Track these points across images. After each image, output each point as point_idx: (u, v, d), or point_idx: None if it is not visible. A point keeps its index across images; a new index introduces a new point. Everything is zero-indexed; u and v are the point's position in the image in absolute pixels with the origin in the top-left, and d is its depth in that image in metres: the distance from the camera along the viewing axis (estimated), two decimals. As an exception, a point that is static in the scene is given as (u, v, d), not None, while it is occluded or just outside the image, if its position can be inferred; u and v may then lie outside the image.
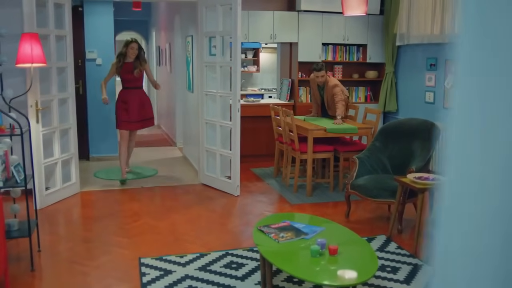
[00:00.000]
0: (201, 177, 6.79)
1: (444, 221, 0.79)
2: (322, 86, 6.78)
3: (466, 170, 0.77)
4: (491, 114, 0.74)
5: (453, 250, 0.78)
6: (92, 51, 7.89)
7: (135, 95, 6.76)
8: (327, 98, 6.76)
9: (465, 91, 0.76)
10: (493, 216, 0.74)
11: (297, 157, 6.22)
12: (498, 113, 0.73)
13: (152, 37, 13.08)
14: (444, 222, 0.79)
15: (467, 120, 0.76)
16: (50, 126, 5.75)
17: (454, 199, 0.78)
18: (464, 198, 0.77)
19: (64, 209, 5.70)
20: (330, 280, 2.99)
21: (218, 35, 6.24)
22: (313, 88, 6.99)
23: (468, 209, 0.77)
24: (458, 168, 0.78)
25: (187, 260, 4.18)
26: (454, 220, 0.78)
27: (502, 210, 0.74)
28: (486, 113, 0.75)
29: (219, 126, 6.39)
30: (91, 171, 7.42)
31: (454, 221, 0.78)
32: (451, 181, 0.78)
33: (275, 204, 5.93)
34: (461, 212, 0.78)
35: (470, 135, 0.76)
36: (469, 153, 0.76)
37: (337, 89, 6.59)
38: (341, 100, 6.56)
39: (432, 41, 7.17)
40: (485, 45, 0.74)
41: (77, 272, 4.03)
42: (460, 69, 0.77)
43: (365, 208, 5.75)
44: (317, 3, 7.83)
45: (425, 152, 5.09)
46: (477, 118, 0.75)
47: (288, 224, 3.74)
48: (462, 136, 0.77)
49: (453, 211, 0.78)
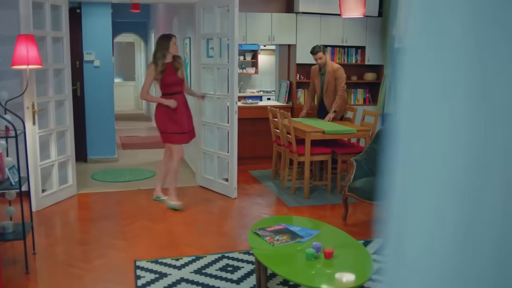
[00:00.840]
0: (199, 179, 6.77)
1: (395, 222, 0.78)
2: (323, 71, 6.82)
3: (417, 174, 0.76)
4: (444, 114, 0.74)
5: (405, 253, 0.77)
6: (90, 53, 7.88)
7: (182, 100, 5.73)
8: (328, 81, 6.79)
9: (414, 89, 0.76)
10: (448, 217, 0.74)
11: (294, 159, 6.20)
12: (450, 108, 0.73)
13: (151, 38, 13.06)
14: (395, 223, 0.78)
15: (416, 120, 0.76)
16: (47, 128, 5.73)
17: (403, 200, 0.78)
18: (418, 198, 0.77)
19: (60, 211, 5.68)
20: (325, 283, 2.97)
21: (215, 37, 6.23)
22: (314, 78, 7.02)
23: (423, 208, 0.76)
24: (407, 173, 0.77)
25: (182, 263, 4.16)
26: (405, 221, 0.77)
27: (459, 212, 0.73)
28: (436, 113, 0.75)
29: (217, 128, 6.37)
30: (89, 173, 7.40)
31: (405, 222, 0.77)
32: (401, 186, 0.77)
33: (272, 207, 5.90)
34: (411, 213, 0.77)
35: (422, 135, 0.76)
36: (419, 155, 0.75)
37: (341, 71, 6.72)
38: (343, 88, 6.70)
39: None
40: (433, 44, 0.74)
41: (72, 275, 4.01)
42: (407, 68, 0.77)
43: (363, 210, 5.73)
44: (315, 5, 7.82)
45: (423, 154, 5.06)
46: (428, 118, 0.75)
47: (283, 227, 3.72)
48: (412, 137, 0.76)
49: (403, 213, 0.77)
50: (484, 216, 0.71)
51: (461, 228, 0.72)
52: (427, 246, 0.74)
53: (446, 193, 0.73)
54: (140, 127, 12.81)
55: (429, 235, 0.74)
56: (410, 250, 0.75)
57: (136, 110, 16.39)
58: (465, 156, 0.71)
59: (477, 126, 0.71)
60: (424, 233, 0.74)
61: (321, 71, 6.88)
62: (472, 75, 0.71)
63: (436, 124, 0.74)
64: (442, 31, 0.72)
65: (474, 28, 0.70)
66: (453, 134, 0.72)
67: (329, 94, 6.83)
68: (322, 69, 6.85)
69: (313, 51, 6.72)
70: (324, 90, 6.87)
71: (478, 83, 0.71)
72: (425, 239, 0.74)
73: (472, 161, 0.71)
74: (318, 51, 6.68)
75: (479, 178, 0.71)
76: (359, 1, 6.19)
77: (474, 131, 0.71)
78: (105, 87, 8.03)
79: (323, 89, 6.87)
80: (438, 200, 0.74)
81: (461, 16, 0.70)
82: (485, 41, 0.70)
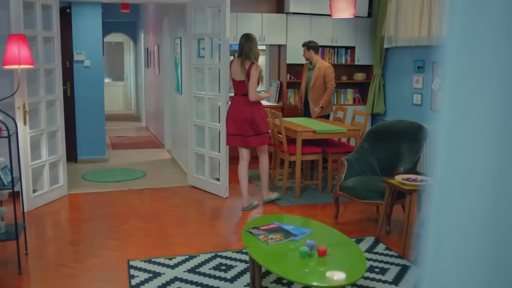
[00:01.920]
0: (190, 179, 6.78)
1: (434, 222, 0.79)
2: (311, 67, 7.05)
3: (455, 171, 0.77)
4: (478, 115, 0.75)
5: (443, 251, 0.78)
6: (80, 53, 7.85)
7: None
8: (315, 78, 6.96)
9: (452, 92, 0.77)
10: (483, 216, 0.75)
11: (285, 159, 6.23)
12: (486, 114, 0.74)
13: (140, 39, 13.04)
14: (434, 223, 0.79)
15: (455, 121, 0.77)
16: (38, 128, 5.71)
17: (443, 200, 0.79)
18: (453, 198, 0.77)
19: (51, 212, 5.66)
20: (319, 281, 3.00)
21: (207, 37, 6.24)
22: (304, 72, 7.22)
23: (458, 209, 0.77)
24: (446, 169, 0.78)
25: (176, 262, 4.17)
26: (443, 220, 0.78)
27: (492, 210, 0.74)
28: (473, 114, 0.75)
29: (208, 128, 6.39)
30: (79, 173, 7.38)
31: (444, 221, 0.78)
32: (440, 182, 0.78)
33: (264, 206, 5.93)
34: (450, 213, 0.78)
35: (459, 135, 0.76)
36: (457, 154, 0.76)
37: (330, 70, 6.90)
38: (333, 86, 6.91)
39: (420, 43, 7.23)
40: (471, 47, 0.75)
41: (65, 275, 4.00)
42: (447, 70, 0.78)
43: (354, 209, 5.78)
44: (305, 6, 7.86)
45: (413, 154, 5.12)
46: (465, 119, 0.76)
47: (277, 226, 3.75)
48: (450, 136, 0.77)
49: (442, 212, 0.78)
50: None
51: (492, 227, 0.75)
52: (462, 243, 0.76)
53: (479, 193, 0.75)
54: (129, 127, 12.78)
55: (463, 233, 0.76)
56: (448, 246, 0.78)
57: (125, 110, 16.35)
58: (499, 157, 0.73)
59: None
60: (459, 231, 0.76)
61: (310, 67, 7.06)
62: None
63: (473, 125, 0.75)
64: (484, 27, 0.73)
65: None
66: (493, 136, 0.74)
67: (314, 90, 6.98)
68: (311, 65, 7.03)
69: (303, 44, 7.08)
70: (309, 85, 7.01)
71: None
72: (459, 237, 0.76)
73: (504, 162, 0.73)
74: (303, 46, 7.02)
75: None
76: (350, 2, 6.24)
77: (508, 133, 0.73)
78: (95, 87, 8.01)
79: (309, 85, 7.04)
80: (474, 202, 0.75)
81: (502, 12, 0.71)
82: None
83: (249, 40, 5.55)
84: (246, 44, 5.53)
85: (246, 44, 5.53)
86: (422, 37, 7.19)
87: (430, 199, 0.80)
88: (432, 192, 0.79)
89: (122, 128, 12.52)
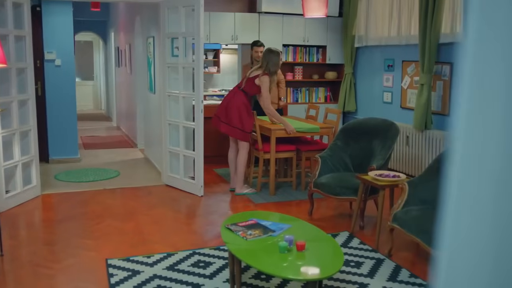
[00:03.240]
0: (164, 178, 6.79)
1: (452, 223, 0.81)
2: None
3: (472, 171, 0.79)
4: (493, 115, 0.77)
5: (459, 237, 0.81)
6: (51, 52, 7.76)
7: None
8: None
9: (469, 93, 0.78)
10: (495, 206, 0.78)
11: (260, 157, 6.30)
12: (500, 114, 0.76)
13: (110, 37, 12.92)
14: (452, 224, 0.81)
15: (471, 120, 0.78)
16: (10, 128, 5.64)
17: (462, 200, 0.80)
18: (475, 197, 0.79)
19: (25, 212, 5.60)
20: (298, 275, 3.08)
21: (180, 36, 6.26)
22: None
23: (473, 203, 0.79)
24: (463, 170, 0.80)
25: (154, 260, 4.20)
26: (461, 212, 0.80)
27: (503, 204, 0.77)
28: (488, 114, 0.77)
29: (182, 127, 6.41)
30: (51, 173, 7.30)
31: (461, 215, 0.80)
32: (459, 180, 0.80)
33: (239, 203, 5.99)
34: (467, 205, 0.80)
35: (474, 136, 0.78)
36: (474, 154, 0.78)
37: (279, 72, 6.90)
38: (284, 80, 7.27)
39: (390, 42, 7.40)
40: (487, 48, 0.76)
41: (43, 275, 3.98)
42: (464, 72, 0.78)
43: (328, 206, 5.89)
44: (277, 5, 7.95)
45: (385, 150, 5.25)
46: (480, 119, 0.78)
47: (255, 222, 3.81)
48: (468, 137, 0.79)
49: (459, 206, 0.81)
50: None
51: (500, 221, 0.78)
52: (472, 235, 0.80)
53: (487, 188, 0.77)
54: (100, 127, 12.67)
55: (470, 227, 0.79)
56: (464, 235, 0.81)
57: (95, 110, 16.18)
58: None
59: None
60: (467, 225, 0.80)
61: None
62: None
63: (489, 125, 0.77)
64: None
65: None
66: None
67: (273, 91, 7.08)
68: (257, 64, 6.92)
69: (258, 43, 6.98)
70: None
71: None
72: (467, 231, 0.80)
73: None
74: (262, 45, 6.95)
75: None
76: (322, 2, 6.34)
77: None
78: (67, 87, 7.93)
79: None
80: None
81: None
82: None
83: (270, 53, 6.09)
84: (267, 56, 6.09)
85: (266, 56, 6.10)
86: (392, 37, 7.35)
87: (447, 201, 0.81)
88: (449, 192, 0.81)
89: (93, 128, 12.39)
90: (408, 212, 4.15)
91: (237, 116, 6.04)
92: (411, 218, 4.06)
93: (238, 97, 6.10)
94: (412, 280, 3.87)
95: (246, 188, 6.33)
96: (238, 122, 6.03)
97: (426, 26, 6.36)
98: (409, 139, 6.95)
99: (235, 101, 6.08)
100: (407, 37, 7.05)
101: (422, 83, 6.49)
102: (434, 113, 6.58)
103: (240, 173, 6.25)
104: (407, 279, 3.90)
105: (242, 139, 6.12)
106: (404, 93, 7.24)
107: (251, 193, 6.28)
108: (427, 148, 6.63)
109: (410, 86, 7.11)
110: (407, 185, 4.33)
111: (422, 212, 4.10)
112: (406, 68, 7.17)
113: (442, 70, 6.46)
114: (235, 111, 6.04)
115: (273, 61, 6.02)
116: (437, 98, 6.58)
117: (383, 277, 3.92)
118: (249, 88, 6.12)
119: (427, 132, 6.62)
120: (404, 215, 4.13)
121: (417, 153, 6.82)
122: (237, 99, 6.09)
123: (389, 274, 3.98)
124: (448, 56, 6.38)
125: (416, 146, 6.85)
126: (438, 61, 6.46)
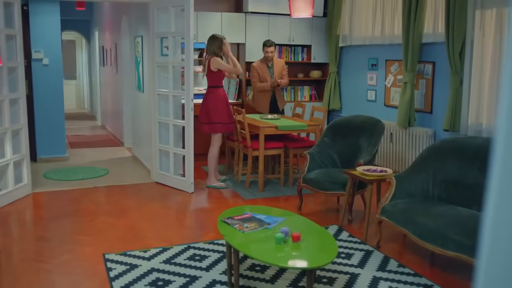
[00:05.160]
0: (154, 175, 6.88)
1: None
2: (270, 65, 7.39)
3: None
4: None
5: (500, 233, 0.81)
6: (39, 51, 7.78)
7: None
8: (277, 73, 7.35)
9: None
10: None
11: (249, 154, 6.43)
12: None
13: (94, 37, 12.91)
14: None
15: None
16: (1, 127, 5.68)
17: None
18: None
19: (17, 211, 5.65)
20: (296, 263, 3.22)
21: (170, 36, 6.35)
22: (263, 73, 7.35)
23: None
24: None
25: (151, 254, 4.30)
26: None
27: None
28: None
29: (172, 125, 6.50)
30: (41, 172, 7.33)
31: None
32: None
33: (229, 200, 6.11)
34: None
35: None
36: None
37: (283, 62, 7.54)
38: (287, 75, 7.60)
39: (373, 42, 7.59)
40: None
41: (40, 270, 4.05)
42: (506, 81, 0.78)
43: (316, 201, 6.04)
44: (263, 5, 8.08)
45: (372, 146, 5.43)
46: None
47: (250, 215, 3.94)
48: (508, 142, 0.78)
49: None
50: None
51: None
52: None
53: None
54: (84, 126, 12.66)
55: None
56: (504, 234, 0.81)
57: (78, 109, 16.13)
58: None
59: None
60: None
61: (268, 65, 7.27)
62: None
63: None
64: None
65: None
66: None
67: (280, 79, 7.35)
68: (269, 63, 7.25)
69: (268, 44, 7.23)
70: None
71: None
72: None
73: None
74: (272, 44, 7.21)
75: None
76: (308, 2, 6.50)
77: None
78: (54, 86, 7.95)
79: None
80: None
81: None
82: None
83: (212, 39, 6.41)
84: (209, 42, 6.43)
85: (209, 41, 6.43)
86: (376, 36, 7.54)
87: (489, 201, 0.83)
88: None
89: (77, 127, 12.38)
90: (395, 205, 4.32)
91: (217, 112, 6.39)
92: (398, 211, 4.23)
93: (208, 94, 6.46)
94: (400, 270, 4.04)
95: (215, 182, 6.61)
96: (217, 117, 6.40)
97: (409, 26, 6.56)
98: (393, 136, 7.15)
99: (211, 99, 6.41)
100: (390, 37, 7.24)
101: (406, 81, 6.69)
102: (417, 110, 6.79)
103: (211, 165, 6.57)
104: (395, 268, 4.07)
105: (210, 131, 6.47)
106: (388, 92, 7.44)
107: (220, 187, 6.54)
108: (411, 144, 6.83)
109: (393, 84, 7.31)
110: (395, 179, 4.51)
111: (409, 205, 4.27)
112: (390, 67, 7.37)
113: (425, 69, 6.66)
114: (213, 107, 6.37)
115: (216, 45, 6.33)
116: (420, 96, 6.79)
117: (372, 267, 4.08)
118: (212, 78, 6.41)
119: (410, 129, 6.82)
120: (392, 208, 4.30)
121: (401, 150, 7.02)
122: (208, 97, 6.43)
123: (378, 265, 4.14)
124: (430, 55, 6.59)
125: (399, 143, 7.04)
126: (420, 60, 6.66)
